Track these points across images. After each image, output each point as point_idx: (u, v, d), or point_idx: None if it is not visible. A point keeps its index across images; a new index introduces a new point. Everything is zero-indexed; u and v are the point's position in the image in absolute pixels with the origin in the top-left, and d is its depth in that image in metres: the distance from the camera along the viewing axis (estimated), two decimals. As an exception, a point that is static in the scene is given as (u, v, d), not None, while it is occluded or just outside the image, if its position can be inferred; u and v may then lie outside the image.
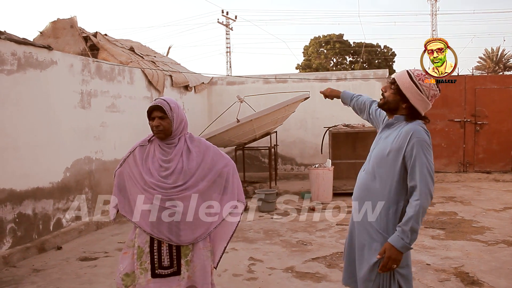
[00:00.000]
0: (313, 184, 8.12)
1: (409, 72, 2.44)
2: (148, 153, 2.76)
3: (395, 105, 2.46)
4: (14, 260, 4.96)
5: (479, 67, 36.31)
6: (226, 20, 40.06)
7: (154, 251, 2.71)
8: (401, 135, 2.37)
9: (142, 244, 2.73)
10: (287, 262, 4.80)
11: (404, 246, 2.29)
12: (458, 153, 10.44)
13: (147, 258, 2.71)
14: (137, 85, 7.81)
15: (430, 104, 2.43)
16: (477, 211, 7.04)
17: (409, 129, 2.36)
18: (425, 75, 2.42)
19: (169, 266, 2.70)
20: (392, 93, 2.46)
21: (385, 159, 2.41)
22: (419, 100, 2.40)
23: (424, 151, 2.31)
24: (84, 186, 6.39)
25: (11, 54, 5.12)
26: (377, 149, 2.50)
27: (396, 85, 2.44)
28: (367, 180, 2.50)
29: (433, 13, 41.26)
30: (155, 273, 2.70)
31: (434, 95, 2.42)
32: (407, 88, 2.40)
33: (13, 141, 5.12)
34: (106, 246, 5.60)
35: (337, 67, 37.67)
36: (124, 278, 2.75)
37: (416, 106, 2.41)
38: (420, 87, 2.39)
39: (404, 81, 2.42)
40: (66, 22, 8.21)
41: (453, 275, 4.31)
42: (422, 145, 2.31)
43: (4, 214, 4.97)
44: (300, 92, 9.40)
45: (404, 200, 2.39)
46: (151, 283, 2.70)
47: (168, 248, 2.69)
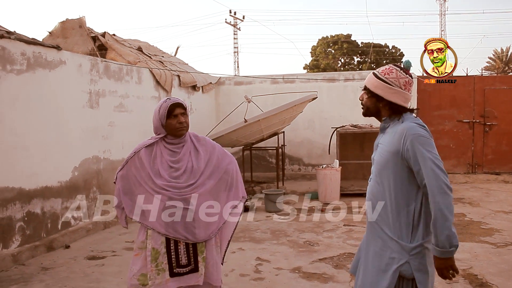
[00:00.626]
0: (321, 184, 8.10)
1: (374, 72, 2.44)
2: (155, 154, 2.75)
3: (374, 108, 2.45)
4: (23, 258, 5.00)
5: (488, 67, 36.08)
6: (234, 20, 40.08)
7: (171, 251, 2.72)
8: (395, 137, 2.32)
9: (157, 246, 2.72)
10: (294, 263, 4.80)
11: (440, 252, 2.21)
12: (467, 154, 10.37)
13: (163, 259, 2.71)
14: (145, 85, 7.84)
15: (406, 92, 2.38)
16: (486, 213, 6.99)
17: (402, 129, 2.29)
18: (390, 68, 2.40)
19: (187, 264, 2.74)
20: (367, 98, 2.46)
21: (386, 164, 2.36)
22: (392, 93, 2.36)
23: (423, 146, 2.22)
24: (92, 185, 6.42)
25: (21, 54, 5.16)
26: (377, 156, 2.46)
27: (368, 89, 2.44)
28: (373, 188, 2.46)
29: (442, 13, 41.03)
30: (173, 272, 2.72)
31: (406, 82, 2.37)
32: (377, 87, 2.39)
33: (22, 140, 5.16)
34: (114, 245, 5.62)
35: (345, 67, 37.59)
36: (140, 278, 2.73)
37: (392, 100, 2.36)
38: (387, 80, 2.36)
39: (372, 82, 2.42)
40: (75, 22, 8.26)
41: (462, 277, 4.28)
42: (419, 140, 2.23)
43: (13, 212, 5.01)
44: (307, 92, 9.40)
45: (415, 202, 2.31)
46: (170, 282, 2.71)
47: (185, 246, 2.73)
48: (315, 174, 8.62)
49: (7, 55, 4.98)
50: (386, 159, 2.35)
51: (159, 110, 2.74)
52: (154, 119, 2.78)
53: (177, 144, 2.78)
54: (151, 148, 2.78)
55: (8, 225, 4.95)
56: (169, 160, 2.73)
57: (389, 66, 2.42)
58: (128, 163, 2.81)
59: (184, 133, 2.76)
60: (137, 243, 2.82)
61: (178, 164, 2.73)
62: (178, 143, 2.78)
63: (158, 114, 2.74)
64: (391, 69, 2.38)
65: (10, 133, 5.00)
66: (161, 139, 2.79)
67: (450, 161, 10.33)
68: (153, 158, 2.75)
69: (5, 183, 4.93)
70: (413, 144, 2.22)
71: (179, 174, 2.71)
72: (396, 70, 2.37)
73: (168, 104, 2.72)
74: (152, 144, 2.79)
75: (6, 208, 4.92)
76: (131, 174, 2.79)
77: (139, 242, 2.80)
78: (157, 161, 2.73)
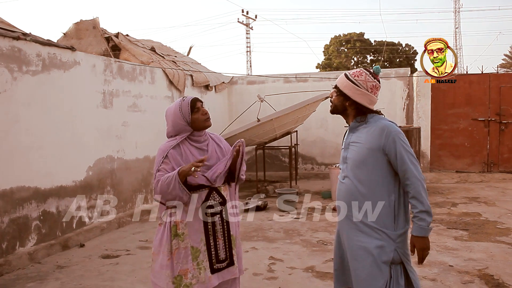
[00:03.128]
0: (334, 183, 8.06)
1: (346, 73, 2.62)
2: (186, 155, 2.76)
3: (341, 106, 2.63)
4: (39, 257, 5.07)
5: (504, 64, 35.56)
6: (246, 20, 40.12)
7: (211, 248, 2.76)
8: (374, 134, 2.50)
9: (196, 244, 2.74)
10: (308, 262, 4.79)
11: (426, 230, 2.42)
12: (482, 152, 10.23)
13: (204, 257, 2.74)
14: (158, 84, 7.88)
15: (372, 95, 2.56)
16: (502, 212, 6.90)
17: (382, 127, 2.50)
18: (360, 71, 2.58)
19: (225, 259, 2.81)
20: (336, 96, 2.64)
21: (365, 161, 2.52)
22: (359, 94, 2.54)
23: (403, 143, 2.45)
24: (106, 184, 6.48)
25: (36, 55, 5.23)
26: (352, 154, 2.59)
27: (338, 87, 2.62)
28: (351, 186, 2.57)
29: (456, 10, 40.59)
30: (214, 268, 2.77)
31: (373, 86, 2.56)
32: (346, 87, 2.57)
33: (38, 140, 5.23)
34: (128, 244, 5.67)
35: (358, 66, 37.34)
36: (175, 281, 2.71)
37: (358, 101, 2.54)
38: (356, 82, 2.54)
39: (343, 82, 2.59)
40: (88, 23, 8.34)
41: (477, 277, 4.23)
42: (400, 137, 2.46)
43: (29, 211, 5.08)
44: (320, 91, 9.37)
45: (394, 193, 2.51)
46: (212, 279, 2.74)
47: (223, 241, 2.80)
48: (328, 173, 8.59)
49: (23, 56, 5.05)
50: (365, 156, 2.53)
51: (179, 109, 2.76)
52: (176, 120, 2.77)
53: (202, 142, 2.84)
54: (178, 149, 2.78)
55: (25, 224, 5.02)
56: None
57: (360, 69, 2.62)
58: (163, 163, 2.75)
59: (211, 123, 2.84)
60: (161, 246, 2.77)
61: (210, 162, 2.80)
62: (203, 141, 2.84)
63: (180, 113, 2.75)
64: (361, 72, 2.58)
65: (26, 133, 5.07)
66: (185, 139, 2.80)
67: (465, 160, 10.21)
68: (185, 158, 2.75)
69: (21, 183, 5.00)
70: (396, 141, 2.45)
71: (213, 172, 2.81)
72: (365, 73, 2.57)
73: (188, 100, 2.79)
74: (177, 145, 2.79)
75: (22, 207, 4.99)
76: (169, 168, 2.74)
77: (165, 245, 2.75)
78: (189, 160, 2.74)
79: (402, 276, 2.49)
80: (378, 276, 2.45)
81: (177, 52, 10.60)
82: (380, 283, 2.44)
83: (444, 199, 8.00)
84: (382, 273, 2.45)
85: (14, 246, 4.88)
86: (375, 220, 2.49)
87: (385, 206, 2.49)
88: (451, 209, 7.15)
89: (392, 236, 2.48)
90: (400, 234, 2.49)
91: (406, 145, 2.46)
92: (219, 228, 2.80)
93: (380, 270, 2.46)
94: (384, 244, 2.47)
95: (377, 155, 2.48)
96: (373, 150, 2.48)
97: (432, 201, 7.80)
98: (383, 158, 2.48)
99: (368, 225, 2.50)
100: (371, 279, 2.46)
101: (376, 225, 2.49)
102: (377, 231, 2.49)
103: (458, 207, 7.27)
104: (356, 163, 2.55)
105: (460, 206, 7.35)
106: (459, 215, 6.77)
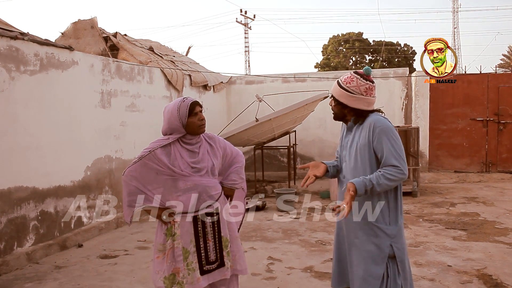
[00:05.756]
0: (332, 183, 8.07)
1: (338, 81, 2.63)
2: (175, 156, 2.72)
3: (341, 114, 2.67)
4: (37, 257, 5.05)
5: (502, 64, 35.56)
6: (245, 19, 40.06)
7: (200, 249, 2.75)
8: (364, 131, 2.54)
9: (186, 245, 2.73)
10: (306, 262, 4.79)
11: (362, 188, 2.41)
12: (480, 152, 10.24)
13: (193, 258, 2.74)
14: (157, 84, 7.87)
15: (368, 97, 2.57)
16: (500, 212, 6.90)
17: (370, 122, 2.53)
18: (350, 77, 2.58)
19: (215, 260, 2.80)
20: (334, 105, 2.68)
21: (362, 158, 2.55)
22: (354, 101, 2.56)
23: (389, 138, 2.46)
24: (105, 184, 6.47)
25: (34, 55, 5.21)
26: (353, 152, 2.61)
27: (333, 97, 2.65)
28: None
29: (455, 10, 40.62)
30: (203, 270, 2.76)
31: (367, 88, 2.56)
32: (340, 96, 2.59)
33: (35, 140, 5.22)
34: (126, 244, 5.66)
35: (357, 66, 37.35)
36: (165, 280, 2.73)
37: (355, 107, 2.58)
38: (349, 90, 2.56)
39: (337, 91, 2.62)
40: (86, 22, 8.32)
41: (476, 277, 4.23)
42: (385, 131, 2.47)
43: (27, 211, 5.07)
44: (319, 91, 9.36)
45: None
46: (201, 280, 2.74)
47: (213, 243, 2.79)
48: (327, 173, 8.57)
49: (20, 56, 5.03)
50: (363, 153, 2.56)
51: (177, 110, 2.72)
52: (172, 119, 2.73)
53: (194, 144, 2.79)
54: (168, 149, 2.74)
55: (22, 224, 5.01)
56: (190, 161, 2.74)
57: (350, 74, 2.61)
58: (142, 160, 2.71)
59: (205, 129, 2.81)
60: (157, 245, 2.81)
61: (200, 165, 2.75)
62: (195, 143, 2.79)
63: (177, 114, 2.72)
64: (351, 78, 2.58)
65: (24, 133, 5.06)
66: (177, 140, 2.76)
67: (463, 160, 10.22)
68: (173, 159, 2.71)
69: (19, 183, 4.98)
70: (381, 135, 2.47)
71: (202, 174, 2.76)
72: (356, 78, 2.56)
73: (188, 103, 2.74)
74: (168, 145, 2.74)
75: (20, 207, 4.98)
76: (150, 168, 2.72)
77: (158, 244, 2.79)
78: (177, 162, 2.71)
79: (399, 276, 2.52)
80: (375, 272, 2.49)
81: (176, 52, 10.59)
82: (376, 279, 2.48)
83: (443, 199, 8.00)
84: (379, 268, 2.49)
85: (12, 246, 4.87)
86: (374, 219, 2.53)
87: (382, 202, 2.54)
88: (450, 209, 7.15)
89: (387, 231, 2.52)
90: (395, 229, 2.54)
91: (393, 140, 2.46)
92: (210, 230, 2.78)
93: (377, 265, 2.50)
94: (380, 240, 2.51)
95: (366, 151, 2.53)
96: (364, 146, 2.53)
97: (431, 201, 7.81)
98: (371, 154, 2.53)
99: (366, 223, 2.54)
100: (368, 275, 2.50)
101: (375, 221, 2.53)
102: (373, 227, 2.53)
103: (457, 207, 7.28)
104: (355, 161, 2.58)
105: (459, 206, 7.35)
106: (457, 215, 6.77)
